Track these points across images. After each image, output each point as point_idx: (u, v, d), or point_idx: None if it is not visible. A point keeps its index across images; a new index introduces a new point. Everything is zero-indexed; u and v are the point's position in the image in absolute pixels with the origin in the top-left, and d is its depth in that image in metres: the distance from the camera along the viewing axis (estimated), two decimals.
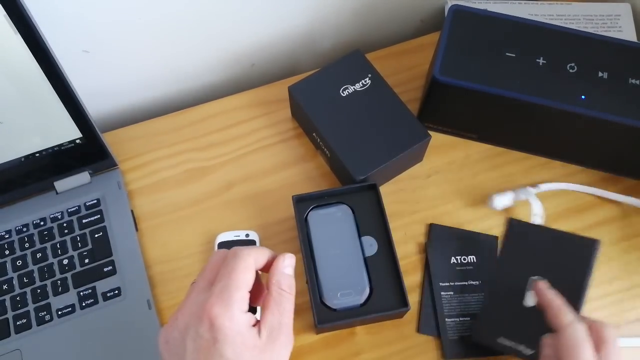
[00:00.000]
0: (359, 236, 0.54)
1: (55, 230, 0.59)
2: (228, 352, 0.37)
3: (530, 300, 0.49)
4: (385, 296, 0.51)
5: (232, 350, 0.37)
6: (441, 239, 0.58)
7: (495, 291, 0.51)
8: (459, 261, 0.56)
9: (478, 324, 0.51)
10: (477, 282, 0.55)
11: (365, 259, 0.53)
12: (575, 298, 0.47)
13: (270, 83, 0.68)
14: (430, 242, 0.57)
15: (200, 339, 0.37)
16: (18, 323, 0.55)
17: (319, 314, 0.51)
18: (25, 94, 0.51)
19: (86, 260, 0.57)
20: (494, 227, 0.59)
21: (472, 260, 0.56)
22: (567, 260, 0.49)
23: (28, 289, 0.56)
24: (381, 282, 0.52)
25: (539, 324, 0.45)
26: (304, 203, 0.55)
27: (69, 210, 0.60)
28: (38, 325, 0.55)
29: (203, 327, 0.37)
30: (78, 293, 0.56)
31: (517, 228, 0.52)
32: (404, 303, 0.51)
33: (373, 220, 0.55)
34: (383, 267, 0.53)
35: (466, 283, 0.55)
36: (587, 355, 0.41)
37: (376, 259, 0.53)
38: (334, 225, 0.54)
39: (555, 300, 0.45)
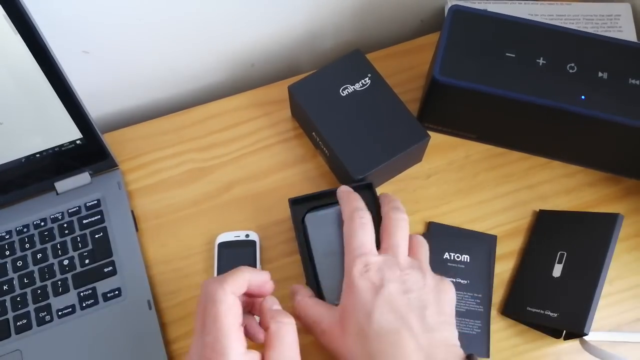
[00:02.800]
0: None
1: (56, 231, 0.59)
2: None
3: (557, 271, 0.53)
4: None
5: None
6: (438, 235, 0.58)
7: (524, 270, 0.56)
8: (452, 258, 0.56)
9: (507, 300, 0.55)
10: (466, 282, 0.55)
11: None
12: (596, 270, 0.50)
13: (270, 83, 0.68)
14: (426, 235, 0.58)
15: None
16: (18, 323, 0.55)
17: None
18: (25, 94, 0.51)
19: (86, 261, 0.57)
20: (495, 227, 0.59)
21: (465, 260, 0.56)
22: (591, 236, 0.53)
23: (28, 290, 0.56)
24: None
25: (562, 290, 0.52)
26: (300, 205, 0.55)
27: (70, 210, 0.60)
28: (38, 325, 0.55)
29: None
30: (78, 293, 0.56)
31: (545, 216, 0.58)
32: None
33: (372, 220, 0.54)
34: None
35: (454, 280, 0.55)
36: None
37: None
38: (332, 226, 0.54)
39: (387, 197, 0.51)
